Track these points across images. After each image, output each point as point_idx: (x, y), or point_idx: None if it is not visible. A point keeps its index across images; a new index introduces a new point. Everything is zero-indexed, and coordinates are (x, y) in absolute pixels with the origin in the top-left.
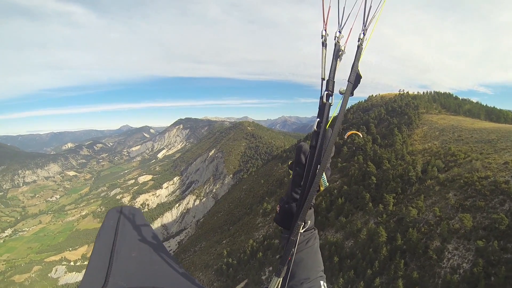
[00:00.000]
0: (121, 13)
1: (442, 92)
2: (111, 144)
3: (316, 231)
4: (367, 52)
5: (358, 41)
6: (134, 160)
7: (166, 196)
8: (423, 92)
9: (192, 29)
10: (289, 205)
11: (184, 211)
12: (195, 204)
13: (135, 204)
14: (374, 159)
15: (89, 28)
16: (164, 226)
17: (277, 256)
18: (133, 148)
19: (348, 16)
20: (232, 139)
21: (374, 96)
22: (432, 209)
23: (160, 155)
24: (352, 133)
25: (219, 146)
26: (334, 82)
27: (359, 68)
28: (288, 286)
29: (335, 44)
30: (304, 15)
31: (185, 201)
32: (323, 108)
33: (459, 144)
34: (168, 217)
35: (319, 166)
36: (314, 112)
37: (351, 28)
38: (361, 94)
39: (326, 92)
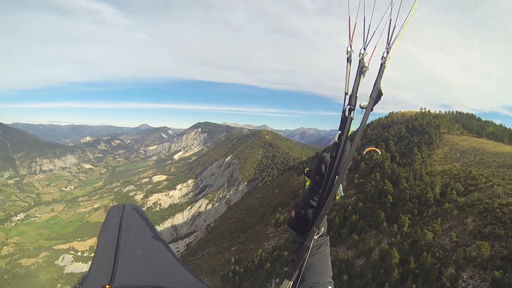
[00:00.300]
0: (147, 14)
1: (465, 112)
2: (128, 141)
3: (328, 237)
4: (389, 67)
5: (382, 59)
6: (150, 159)
7: (179, 198)
8: (445, 112)
9: (216, 35)
10: (305, 210)
11: (196, 214)
12: (207, 208)
13: (148, 203)
14: (391, 178)
15: (116, 27)
16: (174, 227)
17: (289, 258)
18: (150, 147)
19: (373, 34)
20: (249, 146)
21: (395, 113)
22: (448, 234)
23: (176, 157)
24: (371, 149)
25: (236, 153)
26: (356, 97)
27: (381, 86)
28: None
29: (360, 61)
30: (328, 27)
31: (197, 204)
32: (345, 121)
33: (480, 167)
34: (179, 218)
35: (337, 176)
36: (333, 125)
37: (375, 46)
38: (381, 110)
39: (348, 106)
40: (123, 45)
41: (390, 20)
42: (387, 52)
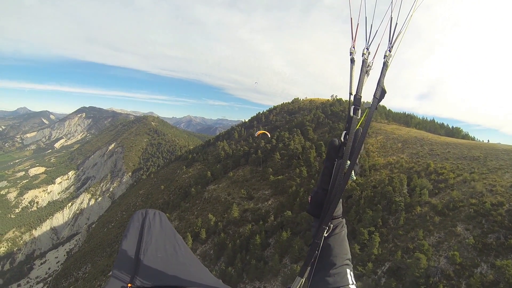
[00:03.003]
0: None
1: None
2: (3, 127)
3: (344, 220)
4: (286, 64)
5: (384, 58)
6: (28, 149)
7: (59, 193)
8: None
9: (116, 12)
10: (319, 196)
11: (78, 211)
12: (90, 204)
13: (23, 202)
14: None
15: None
16: (53, 230)
17: (308, 245)
18: (28, 135)
19: (375, 34)
20: (134, 133)
21: (301, 99)
22: (442, 251)
23: (57, 145)
24: (262, 132)
25: (120, 140)
26: (361, 97)
27: (384, 84)
28: (314, 270)
29: (363, 61)
30: (231, 20)
31: (78, 200)
32: (350, 121)
33: (436, 159)
34: (59, 218)
35: (345, 170)
36: (220, 114)
37: (378, 45)
38: (269, 102)
39: (353, 106)
40: (7, 9)
41: (391, 18)
42: (389, 50)
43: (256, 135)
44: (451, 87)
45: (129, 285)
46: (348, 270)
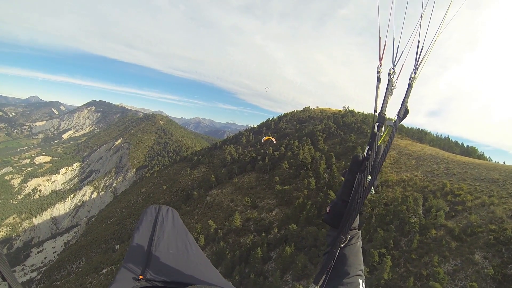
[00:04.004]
0: None
1: None
2: (13, 114)
3: (360, 232)
4: (297, 73)
5: (409, 79)
6: (36, 137)
7: (63, 184)
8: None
9: (132, 10)
10: (339, 207)
11: (79, 203)
12: (92, 197)
13: (26, 189)
14: (331, 186)
15: None
16: (54, 219)
17: (323, 253)
18: (37, 123)
19: (401, 55)
20: (141, 130)
21: (312, 108)
22: (459, 279)
23: (65, 136)
24: (268, 138)
25: (127, 136)
26: (385, 115)
27: (408, 104)
28: (328, 279)
29: (388, 80)
30: (246, 25)
31: (81, 192)
32: (374, 137)
33: (452, 179)
34: (60, 208)
35: (366, 184)
36: (229, 118)
37: (402, 66)
38: (279, 109)
39: (377, 123)
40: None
41: (418, 41)
42: (414, 72)
43: (262, 141)
44: (463, 105)
45: (141, 277)
46: (360, 281)
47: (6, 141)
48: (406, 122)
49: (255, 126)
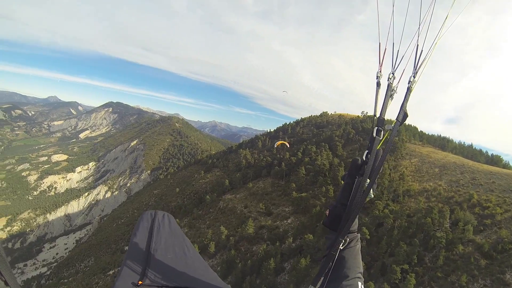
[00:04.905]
0: None
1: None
2: (32, 112)
3: (359, 235)
4: (314, 78)
5: (408, 83)
6: (53, 136)
7: (78, 182)
8: None
9: (151, 15)
10: (338, 210)
11: (93, 202)
12: (106, 196)
13: (42, 186)
14: None
15: None
16: (67, 216)
17: (322, 256)
18: (56, 122)
19: (401, 60)
20: (157, 132)
21: (329, 114)
22: None
23: (82, 135)
24: (282, 143)
25: (143, 138)
26: (384, 119)
27: (407, 108)
28: (327, 281)
29: (388, 85)
30: (263, 31)
31: (95, 191)
32: (373, 141)
33: (479, 190)
34: (74, 206)
35: (365, 188)
36: (246, 122)
37: (403, 70)
38: (295, 115)
39: (376, 128)
40: (48, 3)
41: (417, 45)
42: (413, 76)
43: (275, 146)
44: (483, 112)
45: (140, 282)
46: (359, 283)
47: (25, 138)
48: (426, 129)
49: (272, 130)
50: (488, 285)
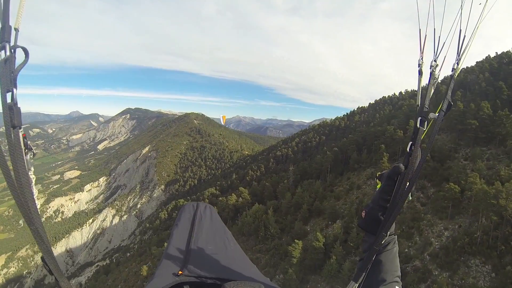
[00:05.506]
0: None
1: None
2: (52, 130)
3: (396, 237)
4: (340, 64)
5: (452, 71)
6: (72, 150)
7: (87, 203)
8: None
9: (179, 22)
10: (375, 211)
11: (98, 231)
12: (113, 222)
13: (48, 211)
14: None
15: (75, 6)
16: (69, 252)
17: (358, 260)
18: (74, 136)
19: (443, 46)
20: (172, 134)
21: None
22: None
23: (100, 147)
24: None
25: (155, 143)
26: (428, 109)
27: (450, 97)
28: (363, 286)
29: (430, 73)
30: (292, 26)
31: (101, 217)
32: (417, 132)
33: None
34: (77, 238)
35: (408, 184)
36: (271, 114)
37: (445, 57)
38: (321, 102)
39: (420, 118)
40: (77, 25)
41: (460, 31)
42: (457, 63)
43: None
44: None
45: (180, 272)
46: (397, 287)
47: (43, 157)
48: None
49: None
50: None
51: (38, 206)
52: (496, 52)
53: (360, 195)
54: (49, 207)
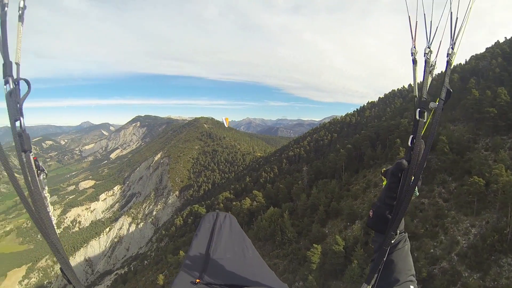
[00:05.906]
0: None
1: None
2: (65, 141)
3: (406, 234)
4: (346, 60)
5: (447, 56)
6: (85, 161)
7: (103, 212)
8: None
9: (182, 26)
10: (382, 209)
11: (116, 239)
12: (130, 230)
13: (65, 221)
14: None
15: (77, 17)
16: (88, 261)
17: (371, 260)
18: (87, 147)
19: (436, 31)
20: (183, 139)
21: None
22: None
23: (113, 155)
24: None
25: (167, 149)
26: (426, 98)
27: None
28: (377, 287)
29: (425, 61)
30: (294, 24)
31: (117, 225)
32: (417, 124)
33: None
34: (95, 247)
35: (412, 178)
36: (280, 114)
37: (440, 42)
38: (329, 99)
39: (418, 109)
40: (80, 35)
41: (451, 13)
42: (452, 48)
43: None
44: None
45: (198, 280)
46: (411, 287)
47: (57, 168)
48: None
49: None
50: None
51: (55, 217)
52: (505, 37)
53: (378, 193)
54: (66, 217)
